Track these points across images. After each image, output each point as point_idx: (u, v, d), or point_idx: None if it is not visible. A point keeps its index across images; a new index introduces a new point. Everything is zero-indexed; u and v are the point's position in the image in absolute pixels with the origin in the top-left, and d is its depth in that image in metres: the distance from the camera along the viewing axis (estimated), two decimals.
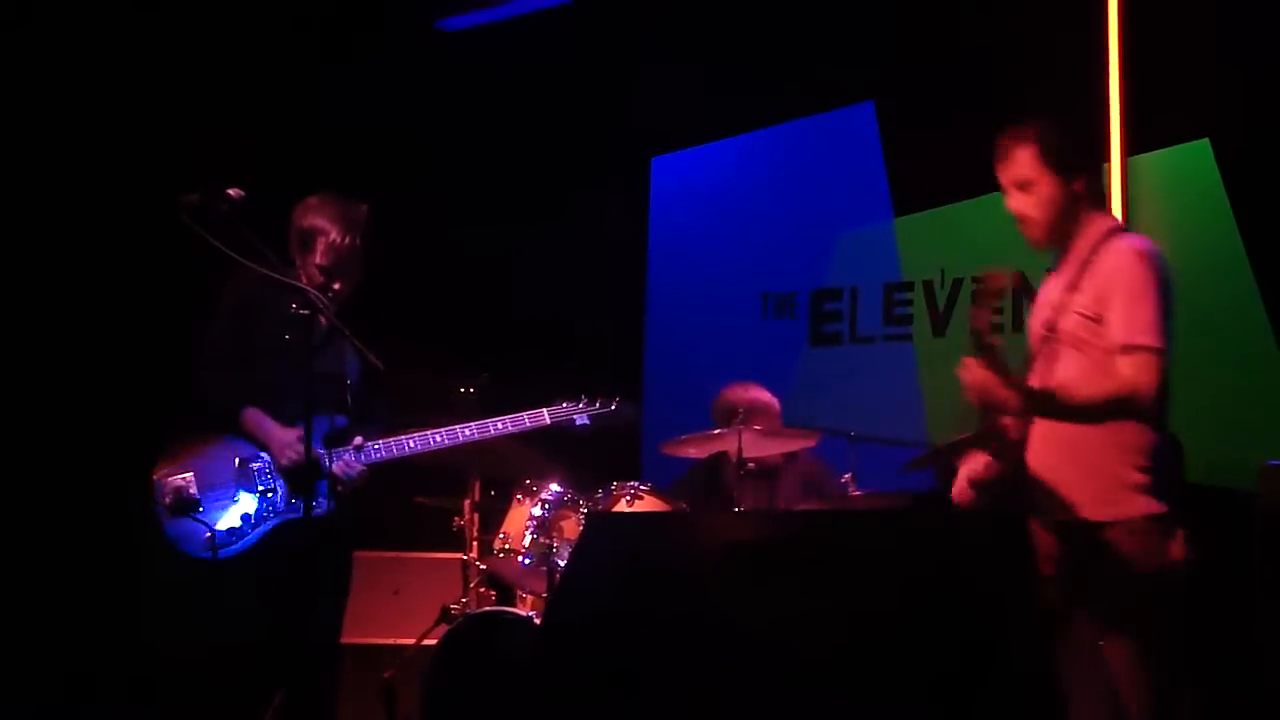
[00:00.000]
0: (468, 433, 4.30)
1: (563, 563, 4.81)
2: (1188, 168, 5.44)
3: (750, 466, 5.25)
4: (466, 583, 5.32)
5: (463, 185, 6.80)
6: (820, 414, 5.71)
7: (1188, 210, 5.40)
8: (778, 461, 5.63)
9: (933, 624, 2.68)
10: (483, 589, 5.39)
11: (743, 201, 6.79)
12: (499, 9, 6.93)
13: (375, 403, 4.28)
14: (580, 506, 4.98)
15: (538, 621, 4.78)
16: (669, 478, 5.72)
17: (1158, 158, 5.51)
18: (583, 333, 6.74)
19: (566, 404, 4.49)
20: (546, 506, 4.96)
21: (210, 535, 4.00)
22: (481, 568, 5.26)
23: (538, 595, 5.11)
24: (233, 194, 3.82)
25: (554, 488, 5.00)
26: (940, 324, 6.10)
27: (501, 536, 5.02)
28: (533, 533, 4.92)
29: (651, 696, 2.79)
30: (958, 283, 6.05)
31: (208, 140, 5.71)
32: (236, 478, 4.13)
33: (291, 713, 4.16)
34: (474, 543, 5.32)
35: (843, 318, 6.42)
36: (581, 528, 4.81)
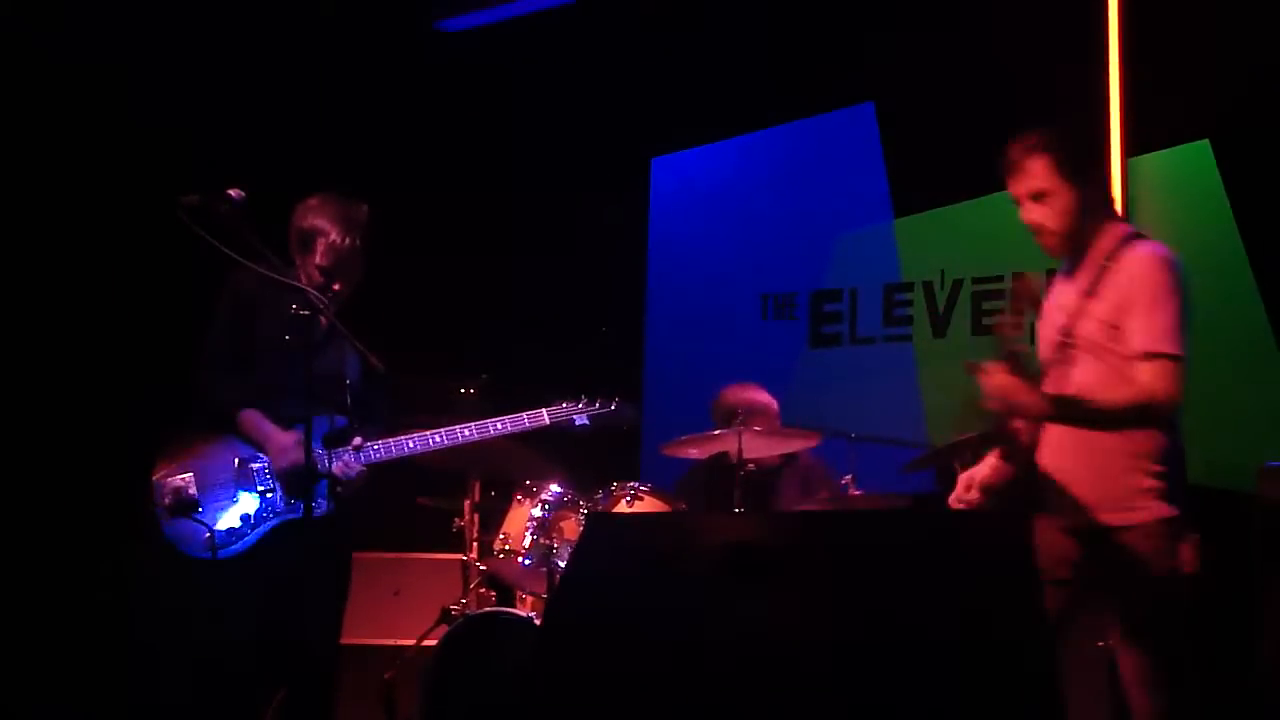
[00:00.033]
0: (467, 433, 4.29)
1: (563, 563, 4.81)
2: (1188, 168, 5.44)
3: (750, 467, 5.24)
4: (466, 583, 5.31)
5: (463, 185, 6.80)
6: (820, 415, 5.71)
7: (1188, 211, 5.40)
8: (777, 462, 5.64)
9: (933, 624, 2.68)
10: (483, 590, 5.39)
11: (743, 202, 6.78)
12: (499, 9, 6.94)
13: (375, 403, 4.26)
14: (580, 507, 4.98)
15: (538, 622, 4.78)
16: (669, 478, 5.72)
17: (1158, 158, 5.51)
18: (583, 333, 6.74)
19: (566, 404, 4.48)
20: (546, 507, 4.96)
21: (210, 536, 3.99)
22: (481, 568, 5.25)
23: (538, 596, 5.11)
24: (233, 194, 3.81)
25: (554, 488, 5.01)
26: (940, 325, 6.10)
27: (501, 537, 5.02)
28: (533, 533, 4.92)
29: (652, 697, 2.79)
30: (958, 283, 6.06)
31: (207, 140, 5.72)
32: (236, 478, 4.12)
33: (292, 713, 4.17)
34: (474, 543, 5.32)
35: (843, 319, 6.42)
36: (581, 528, 4.82)
